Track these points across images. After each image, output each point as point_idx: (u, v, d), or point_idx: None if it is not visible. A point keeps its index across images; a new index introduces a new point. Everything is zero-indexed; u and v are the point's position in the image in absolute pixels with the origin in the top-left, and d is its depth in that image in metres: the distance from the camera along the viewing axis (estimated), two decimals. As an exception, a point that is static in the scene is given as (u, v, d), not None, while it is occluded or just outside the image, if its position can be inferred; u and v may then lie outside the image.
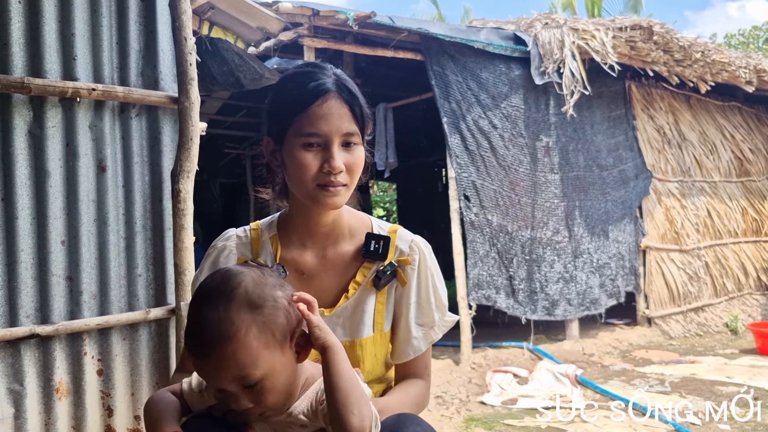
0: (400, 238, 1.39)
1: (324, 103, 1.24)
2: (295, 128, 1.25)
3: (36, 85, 2.17)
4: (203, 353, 1.04)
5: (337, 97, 1.26)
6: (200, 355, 1.05)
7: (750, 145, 7.92)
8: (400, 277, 1.35)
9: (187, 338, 1.09)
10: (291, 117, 1.26)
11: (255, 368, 1.04)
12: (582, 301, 5.73)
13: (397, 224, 1.47)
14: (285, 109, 1.28)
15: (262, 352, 1.05)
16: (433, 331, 1.38)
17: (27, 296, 2.18)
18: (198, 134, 2.46)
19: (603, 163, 6.12)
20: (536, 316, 5.44)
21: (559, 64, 5.43)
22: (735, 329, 6.47)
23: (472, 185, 5.18)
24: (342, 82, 1.28)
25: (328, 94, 1.25)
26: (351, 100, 1.27)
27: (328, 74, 1.28)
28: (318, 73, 1.28)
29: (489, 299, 5.19)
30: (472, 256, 5.11)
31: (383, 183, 15.57)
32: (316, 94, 1.25)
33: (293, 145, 1.26)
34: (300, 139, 1.25)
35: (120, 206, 2.40)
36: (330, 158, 1.24)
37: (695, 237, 6.81)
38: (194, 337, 1.06)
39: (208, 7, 3.88)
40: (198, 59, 2.60)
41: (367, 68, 6.17)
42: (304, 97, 1.25)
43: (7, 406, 2.13)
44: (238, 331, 1.03)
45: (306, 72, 1.29)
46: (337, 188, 1.26)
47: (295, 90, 1.27)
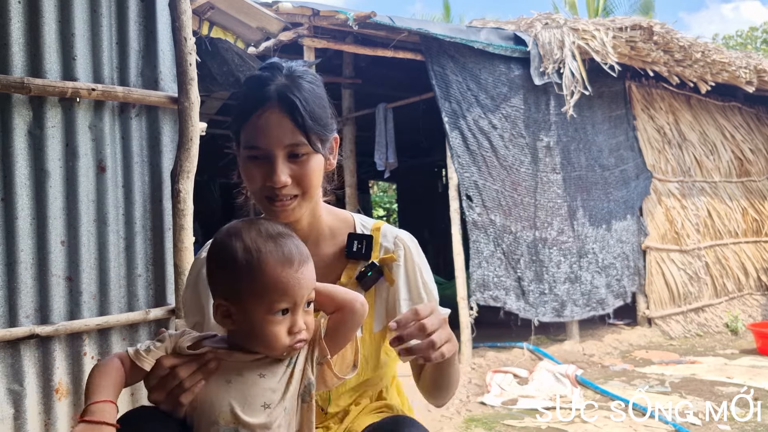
0: (384, 236, 1.36)
1: (263, 113, 1.19)
2: (243, 138, 1.23)
3: (36, 85, 2.17)
4: (301, 265, 1.10)
5: (278, 107, 1.19)
6: (297, 267, 1.10)
7: (750, 146, 7.92)
8: (387, 275, 1.32)
9: (282, 257, 1.10)
10: (238, 125, 1.23)
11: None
12: (588, 302, 5.73)
13: (382, 221, 1.44)
14: (235, 116, 1.25)
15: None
16: None
17: (27, 296, 2.18)
18: (198, 134, 2.46)
19: (605, 162, 6.13)
20: (547, 318, 5.43)
21: (559, 64, 5.43)
22: (735, 329, 6.47)
23: (474, 185, 5.17)
24: (285, 91, 1.19)
25: (267, 104, 1.19)
26: (292, 110, 1.18)
27: (277, 80, 1.21)
28: (267, 78, 1.22)
29: (497, 300, 5.17)
30: (475, 256, 5.10)
31: (383, 183, 15.58)
32: (255, 105, 1.20)
33: (242, 155, 1.25)
34: (245, 151, 1.23)
35: (120, 206, 2.40)
36: (272, 173, 1.19)
37: (695, 237, 6.80)
38: (294, 254, 1.10)
39: (207, 7, 3.88)
40: (198, 59, 2.60)
41: (367, 68, 6.18)
42: (247, 107, 1.21)
43: (6, 407, 2.13)
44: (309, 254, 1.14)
45: (257, 77, 1.24)
46: (285, 202, 1.22)
47: (242, 97, 1.25)
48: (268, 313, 1.09)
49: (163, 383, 1.09)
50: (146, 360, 1.11)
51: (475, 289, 5.05)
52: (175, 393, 1.08)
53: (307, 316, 1.12)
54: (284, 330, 1.09)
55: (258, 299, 1.09)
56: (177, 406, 1.09)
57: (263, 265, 1.09)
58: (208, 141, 3.28)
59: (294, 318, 1.09)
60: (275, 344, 1.10)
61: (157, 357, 1.11)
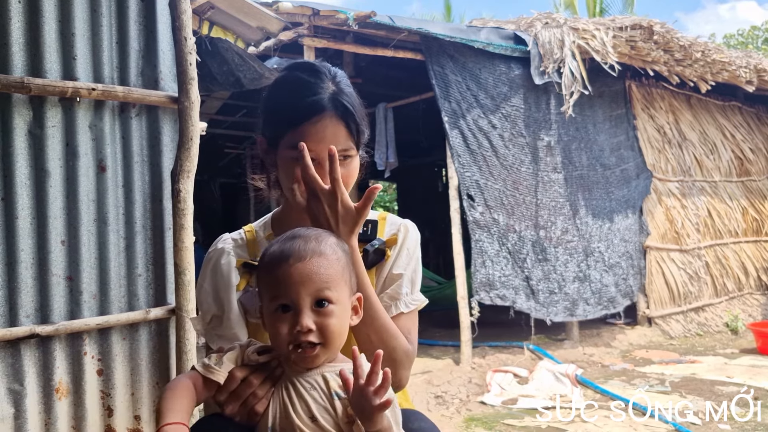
0: (390, 223, 1.40)
1: (319, 121, 1.22)
2: (288, 140, 1.24)
3: (36, 85, 2.17)
4: (295, 261, 1.09)
5: (333, 115, 1.23)
6: (291, 263, 1.09)
7: (750, 145, 7.92)
8: (388, 256, 1.36)
9: (275, 255, 1.11)
10: (284, 129, 1.25)
11: (331, 288, 1.10)
12: (599, 300, 5.72)
13: (387, 212, 1.48)
14: (279, 119, 1.27)
15: (339, 280, 1.12)
16: (399, 303, 1.35)
17: (27, 296, 2.18)
18: (198, 134, 2.46)
19: (606, 162, 6.13)
20: (560, 318, 5.42)
21: (559, 63, 5.43)
22: (735, 329, 6.47)
23: (476, 185, 5.17)
24: (338, 97, 1.24)
25: (324, 113, 1.23)
26: (346, 116, 1.24)
27: (326, 87, 1.25)
28: (315, 85, 1.25)
29: (505, 299, 5.16)
30: (479, 255, 5.09)
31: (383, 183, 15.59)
32: (310, 112, 1.22)
33: (284, 157, 1.26)
34: (292, 152, 1.24)
35: (120, 206, 2.40)
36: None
37: (695, 237, 6.81)
38: (287, 252, 1.10)
39: (208, 6, 3.88)
40: (198, 59, 2.60)
41: (367, 68, 6.17)
42: (298, 113, 1.23)
43: (7, 406, 2.13)
44: (327, 252, 1.13)
45: (303, 82, 1.26)
46: None
47: (289, 101, 1.26)
48: (270, 309, 1.11)
49: (237, 394, 1.10)
50: (219, 373, 1.12)
51: (478, 288, 5.04)
52: (249, 403, 1.10)
53: (322, 318, 1.10)
54: (285, 328, 1.09)
55: (263, 295, 1.14)
56: (252, 416, 1.11)
57: (262, 260, 1.14)
58: (209, 141, 3.28)
59: (297, 318, 1.09)
60: (277, 342, 1.11)
61: (228, 369, 1.12)
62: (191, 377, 1.13)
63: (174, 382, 1.13)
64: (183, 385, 1.11)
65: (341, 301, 1.12)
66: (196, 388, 1.12)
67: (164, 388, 1.14)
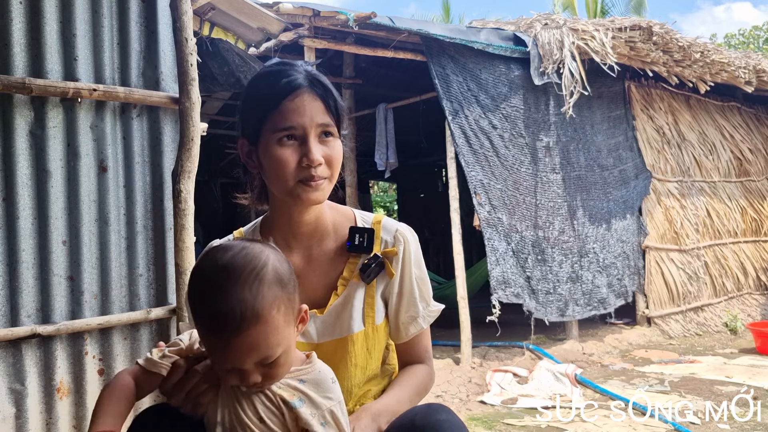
0: (385, 229, 1.38)
1: (296, 97, 1.23)
2: (269, 125, 1.24)
3: (37, 86, 2.18)
4: (231, 335, 0.99)
5: (310, 91, 1.24)
6: (227, 337, 0.99)
7: (749, 145, 7.93)
8: (388, 269, 1.35)
9: (208, 320, 1.02)
10: (264, 114, 1.25)
11: (279, 347, 1.03)
12: (589, 301, 5.73)
13: (382, 214, 1.47)
14: (257, 108, 1.27)
15: (285, 329, 1.04)
16: (418, 322, 1.38)
17: (28, 296, 2.19)
18: (199, 134, 2.46)
19: (604, 162, 6.13)
20: (554, 318, 5.44)
21: (559, 64, 5.43)
22: (734, 329, 6.48)
23: (480, 184, 5.18)
24: (314, 76, 1.27)
25: (300, 89, 1.24)
26: (324, 94, 1.26)
27: (299, 70, 1.27)
28: (288, 70, 1.27)
29: (519, 297, 5.18)
30: (492, 253, 5.08)
31: (383, 183, 15.60)
32: (287, 90, 1.23)
33: (269, 143, 1.24)
34: (275, 135, 1.23)
35: (121, 206, 2.41)
36: (308, 151, 1.21)
37: (695, 237, 6.81)
38: (220, 319, 0.99)
39: (208, 7, 3.88)
40: (199, 60, 2.61)
41: (367, 69, 6.19)
42: (276, 94, 1.24)
43: (8, 406, 2.13)
44: (271, 312, 1.01)
45: (276, 70, 1.28)
46: (318, 182, 1.23)
47: (266, 89, 1.27)
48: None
49: (181, 385, 1.10)
50: (162, 365, 1.12)
51: (495, 286, 5.03)
52: (193, 393, 1.10)
53: (267, 369, 1.04)
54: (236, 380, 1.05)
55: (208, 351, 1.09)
56: (197, 407, 1.11)
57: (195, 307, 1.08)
58: (209, 141, 3.29)
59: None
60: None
61: (172, 361, 1.12)
62: (133, 373, 1.12)
63: (113, 382, 1.12)
64: (120, 386, 1.10)
65: (288, 347, 1.05)
66: (139, 383, 1.11)
67: (103, 386, 1.12)
